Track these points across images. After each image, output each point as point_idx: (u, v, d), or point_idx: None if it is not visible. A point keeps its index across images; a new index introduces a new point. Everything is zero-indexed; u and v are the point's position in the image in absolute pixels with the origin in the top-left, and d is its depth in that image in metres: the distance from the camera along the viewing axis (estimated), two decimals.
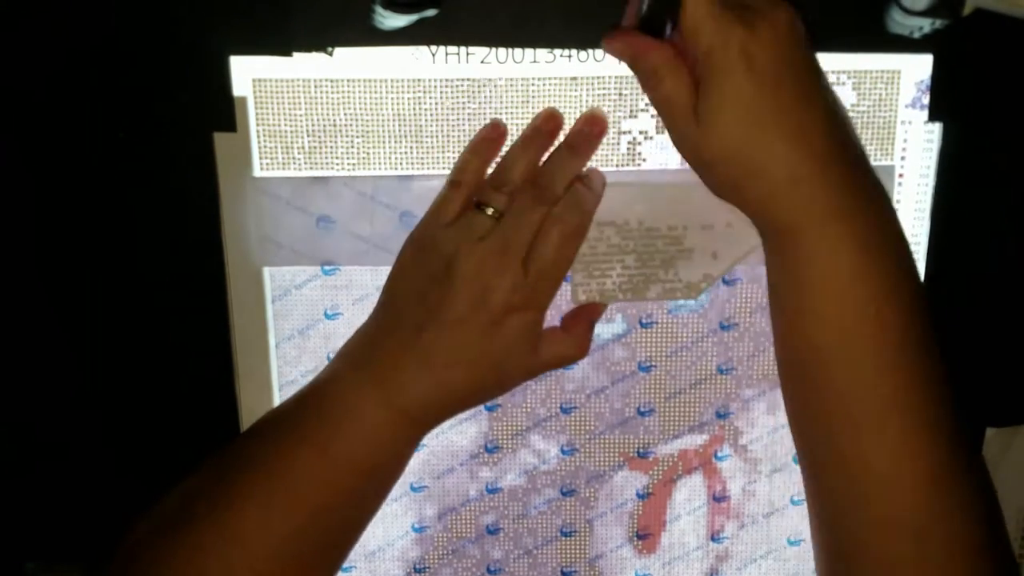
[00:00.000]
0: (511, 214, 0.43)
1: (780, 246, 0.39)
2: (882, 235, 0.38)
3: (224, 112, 0.49)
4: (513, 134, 0.50)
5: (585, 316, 0.47)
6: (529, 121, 0.47)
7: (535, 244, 0.42)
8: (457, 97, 0.49)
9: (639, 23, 0.40)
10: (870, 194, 0.38)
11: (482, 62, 0.49)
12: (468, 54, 0.48)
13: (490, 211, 0.43)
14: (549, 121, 0.46)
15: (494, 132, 0.47)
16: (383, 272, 0.51)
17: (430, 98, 0.49)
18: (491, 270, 0.41)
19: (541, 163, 0.45)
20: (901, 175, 0.51)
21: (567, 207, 0.43)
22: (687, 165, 0.41)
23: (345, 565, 0.56)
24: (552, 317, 0.46)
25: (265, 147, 0.50)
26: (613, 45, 0.40)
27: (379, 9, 0.45)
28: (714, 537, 0.57)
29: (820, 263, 0.37)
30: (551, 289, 0.43)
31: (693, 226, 0.48)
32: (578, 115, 0.49)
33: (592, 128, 0.46)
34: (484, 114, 0.49)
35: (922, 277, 0.52)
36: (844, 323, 0.37)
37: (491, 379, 0.43)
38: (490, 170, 0.46)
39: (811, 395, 0.39)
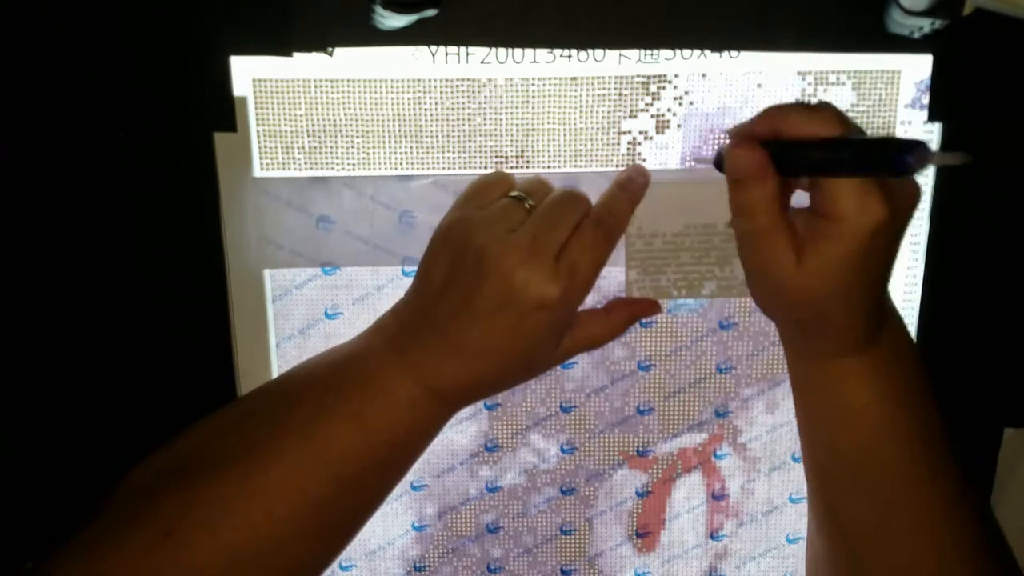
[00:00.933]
0: (544, 208, 0.43)
1: (813, 368, 0.43)
2: (898, 356, 0.42)
3: (224, 112, 0.48)
4: (513, 133, 0.50)
5: (632, 307, 0.48)
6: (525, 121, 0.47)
7: (569, 243, 0.42)
8: (457, 97, 0.49)
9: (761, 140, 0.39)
10: (892, 324, 0.42)
11: (482, 62, 0.49)
12: (468, 54, 0.48)
13: (528, 203, 0.44)
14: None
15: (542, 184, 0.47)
16: (383, 272, 0.52)
17: (430, 98, 0.49)
18: (521, 265, 0.41)
19: None
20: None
21: (604, 208, 0.44)
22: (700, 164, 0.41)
23: (345, 563, 0.57)
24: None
25: (265, 147, 0.50)
26: (740, 158, 0.39)
27: (379, 9, 0.45)
28: (713, 535, 0.57)
29: (851, 384, 0.41)
30: (582, 289, 0.43)
31: None
32: (578, 115, 0.49)
33: (636, 174, 0.46)
34: (484, 114, 0.49)
35: (921, 277, 0.52)
36: (871, 433, 0.42)
37: (519, 368, 0.45)
38: None
39: (840, 491, 0.44)
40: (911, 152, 0.34)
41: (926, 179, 0.51)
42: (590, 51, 0.49)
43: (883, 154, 0.35)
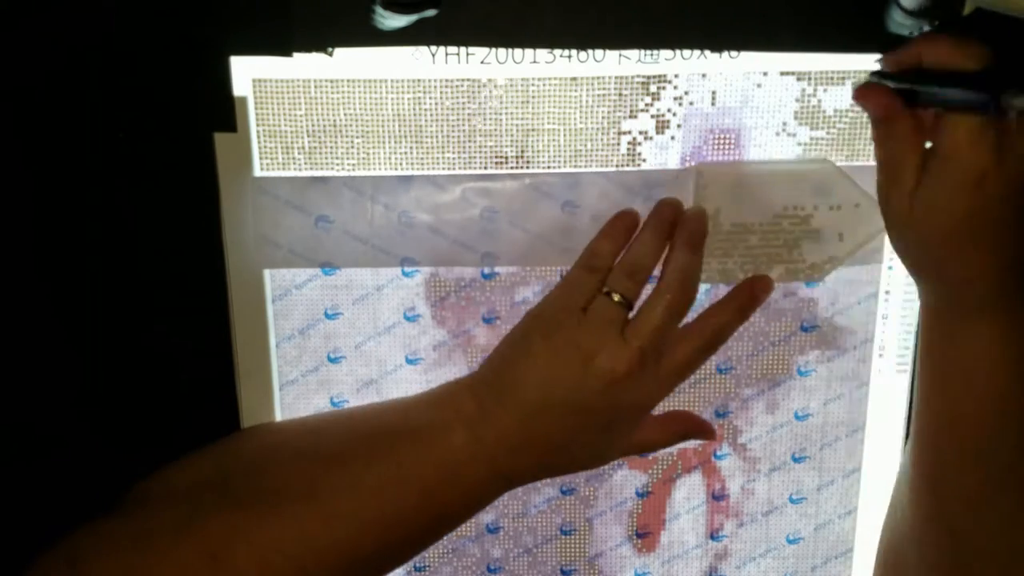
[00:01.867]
0: (649, 316, 0.44)
1: (942, 332, 0.43)
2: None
3: (224, 112, 0.48)
4: (513, 133, 0.50)
5: (689, 424, 0.49)
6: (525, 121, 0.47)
7: (670, 349, 0.45)
8: (457, 97, 0.49)
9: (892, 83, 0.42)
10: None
11: (482, 62, 0.49)
12: (468, 54, 0.48)
13: (617, 298, 0.44)
14: (668, 209, 0.46)
15: (629, 219, 0.47)
16: (383, 272, 0.52)
17: (430, 98, 0.49)
18: (631, 376, 0.43)
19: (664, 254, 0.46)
20: None
21: (711, 317, 0.46)
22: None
23: None
24: None
25: (265, 147, 0.50)
26: (868, 98, 0.42)
27: (379, 9, 0.45)
28: (713, 535, 0.57)
29: (979, 350, 0.41)
30: (673, 387, 0.46)
31: (822, 207, 0.48)
32: (578, 115, 0.49)
33: (700, 224, 0.46)
34: (484, 114, 0.49)
35: None
36: (996, 404, 0.42)
37: (593, 463, 0.47)
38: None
39: (954, 462, 0.44)
40: (1007, 92, 0.36)
41: None
42: (590, 51, 0.49)
43: (978, 89, 0.37)
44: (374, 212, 0.50)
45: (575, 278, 0.45)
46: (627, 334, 0.44)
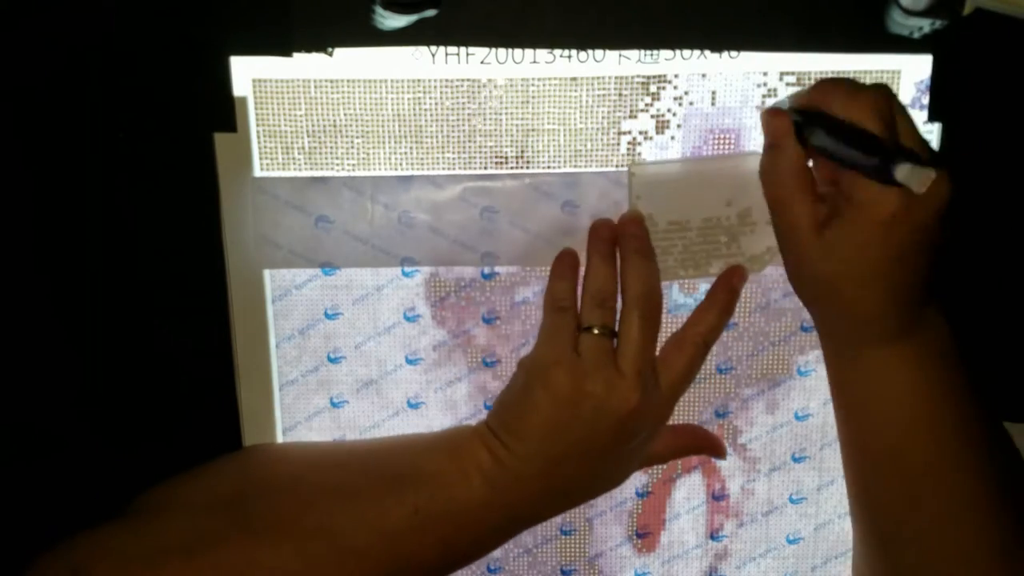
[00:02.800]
0: (629, 340, 0.44)
1: (845, 359, 0.44)
2: (932, 349, 0.42)
3: (224, 112, 0.48)
4: (513, 133, 0.50)
5: (699, 440, 0.51)
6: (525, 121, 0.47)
7: (666, 364, 0.46)
8: (457, 97, 0.49)
9: (794, 114, 0.42)
10: (928, 318, 0.42)
11: (482, 62, 0.49)
12: (468, 54, 0.48)
13: (596, 331, 0.45)
14: (605, 229, 0.48)
15: (569, 257, 0.48)
16: (383, 273, 0.52)
17: (430, 98, 0.49)
18: (640, 405, 0.44)
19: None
20: None
21: (700, 327, 0.47)
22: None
23: None
24: None
25: (265, 147, 0.50)
26: (765, 121, 0.43)
27: (379, 9, 0.45)
28: (713, 535, 0.57)
29: (882, 376, 0.42)
30: (678, 399, 0.47)
31: (758, 200, 0.47)
32: (578, 115, 0.49)
33: (638, 228, 0.47)
34: (484, 114, 0.49)
35: None
36: (902, 425, 0.42)
37: (604, 488, 0.48)
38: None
39: (873, 480, 0.45)
40: (893, 161, 0.35)
41: None
42: (590, 51, 0.49)
43: (874, 163, 0.37)
44: (374, 212, 0.50)
45: (551, 323, 0.46)
46: (620, 365, 0.44)
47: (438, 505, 0.44)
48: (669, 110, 0.50)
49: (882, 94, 0.40)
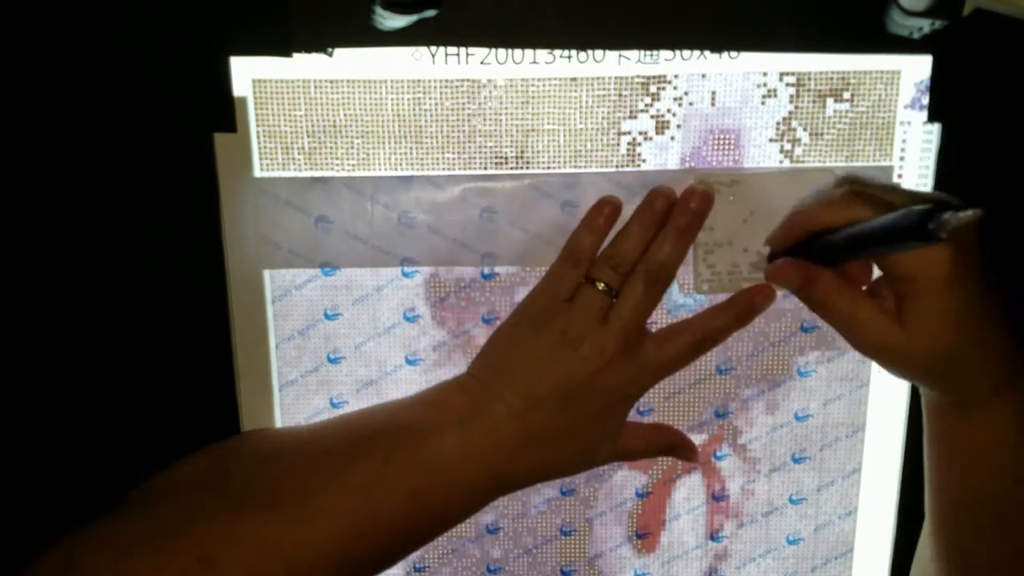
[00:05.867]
0: (628, 297, 0.44)
1: (948, 411, 0.43)
2: None
3: (224, 112, 0.49)
4: (513, 134, 0.50)
5: (674, 439, 0.49)
6: (525, 121, 0.47)
7: (661, 341, 0.45)
8: (457, 97, 0.49)
9: (792, 249, 0.42)
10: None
11: (482, 62, 0.49)
12: (468, 54, 0.48)
13: (601, 286, 0.44)
14: (661, 199, 0.46)
15: (609, 208, 0.46)
16: (383, 273, 0.52)
17: (430, 98, 0.49)
18: (617, 359, 0.43)
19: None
20: (900, 176, 0.51)
21: (705, 320, 0.45)
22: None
23: None
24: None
25: (265, 147, 0.50)
26: (778, 277, 0.43)
27: (379, 10, 0.45)
28: (713, 536, 0.57)
29: (989, 427, 0.41)
30: (657, 380, 0.46)
31: None
32: (578, 115, 0.49)
33: (699, 205, 0.46)
34: (484, 115, 0.49)
35: None
36: (1005, 474, 0.42)
37: (583, 461, 0.46)
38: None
39: (968, 532, 0.44)
40: (931, 220, 0.33)
41: (925, 180, 0.51)
42: (590, 51, 0.49)
43: (905, 232, 0.35)
44: (374, 212, 0.50)
45: (558, 271, 0.46)
46: (610, 317, 0.44)
47: (408, 454, 0.43)
48: (669, 110, 0.50)
49: (848, 187, 0.40)
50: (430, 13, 0.46)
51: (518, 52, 0.48)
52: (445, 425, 0.44)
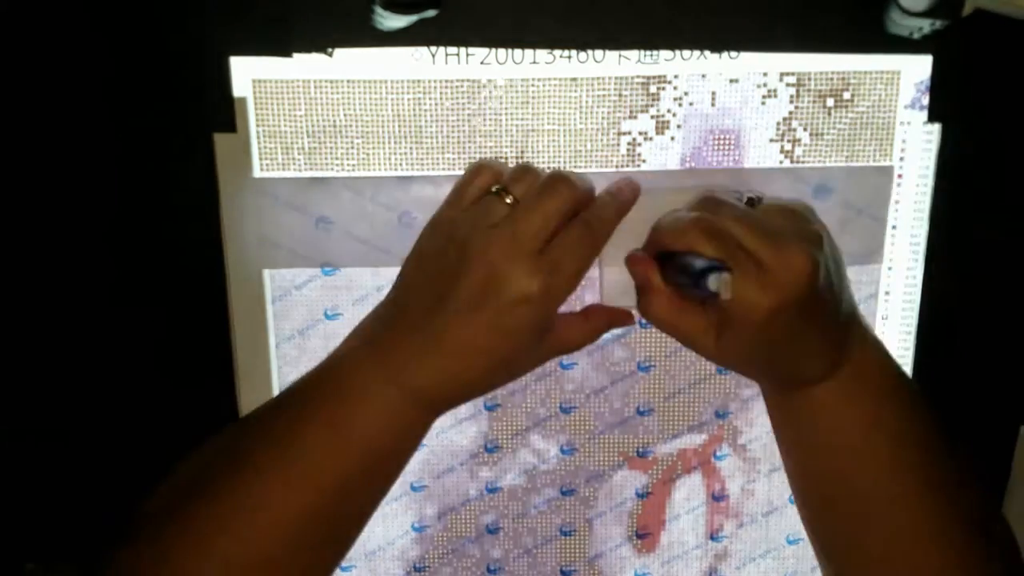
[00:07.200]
0: (525, 201, 0.42)
1: (777, 398, 0.44)
2: (867, 380, 0.42)
3: (224, 112, 0.49)
4: (513, 134, 0.50)
5: (609, 315, 0.47)
6: (525, 121, 0.47)
7: (554, 240, 0.42)
8: (457, 98, 0.49)
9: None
10: (859, 347, 0.42)
11: (482, 62, 0.49)
12: (468, 55, 0.48)
13: (509, 199, 0.42)
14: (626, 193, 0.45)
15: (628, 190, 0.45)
16: (383, 273, 0.52)
17: (430, 99, 0.49)
18: (503, 258, 0.40)
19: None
20: (900, 176, 0.51)
21: (592, 212, 0.43)
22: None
23: (345, 564, 0.57)
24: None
25: (265, 148, 0.50)
26: (635, 269, 0.43)
27: (379, 10, 0.45)
28: (713, 536, 0.57)
29: (812, 412, 0.42)
30: (564, 288, 0.42)
31: None
32: (578, 116, 0.49)
33: (629, 190, 0.45)
34: (484, 115, 0.49)
35: (920, 277, 0.52)
36: (834, 456, 0.43)
37: (499, 368, 0.43)
38: None
39: (820, 510, 0.45)
40: (705, 279, 0.36)
41: (926, 179, 0.51)
42: (590, 52, 0.49)
43: (693, 280, 0.38)
44: (374, 212, 0.50)
45: (462, 179, 0.44)
46: (503, 221, 0.42)
47: (319, 381, 0.42)
48: (669, 111, 0.50)
49: (703, 212, 0.40)
50: (430, 13, 0.46)
51: (518, 52, 0.48)
52: (352, 347, 0.43)
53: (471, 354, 0.42)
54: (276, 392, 0.53)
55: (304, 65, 0.48)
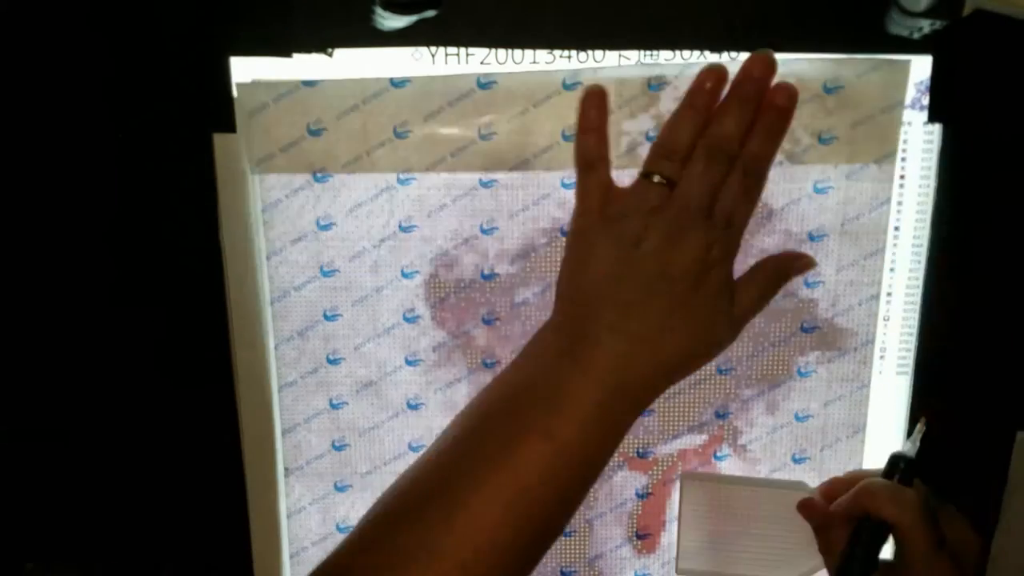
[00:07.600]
0: (686, 180, 0.42)
1: None
2: None
3: (224, 112, 0.49)
4: (512, 134, 0.50)
5: (775, 264, 0.46)
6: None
7: (719, 198, 0.42)
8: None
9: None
10: None
11: (482, 62, 0.49)
12: (468, 54, 0.48)
13: (656, 179, 0.42)
14: (711, 77, 0.43)
15: (597, 99, 0.44)
16: (383, 274, 0.52)
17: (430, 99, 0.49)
18: (680, 236, 0.41)
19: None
20: (902, 176, 0.51)
21: (749, 154, 0.42)
22: None
23: None
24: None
25: (265, 148, 0.50)
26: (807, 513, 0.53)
27: (379, 10, 0.45)
28: None
29: None
30: (738, 237, 0.43)
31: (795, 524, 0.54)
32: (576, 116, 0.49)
33: (758, 70, 0.42)
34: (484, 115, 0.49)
35: (922, 278, 0.52)
36: None
37: (702, 342, 0.43)
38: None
39: None
40: None
41: (927, 179, 0.51)
42: (589, 52, 0.49)
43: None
44: (374, 212, 0.50)
45: (580, 184, 0.44)
46: (665, 205, 0.42)
47: (527, 395, 0.42)
48: (669, 110, 0.50)
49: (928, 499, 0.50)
50: (430, 13, 0.46)
51: (518, 52, 0.48)
52: (548, 361, 0.43)
53: (674, 336, 0.42)
54: (276, 393, 0.53)
55: (304, 65, 0.48)
